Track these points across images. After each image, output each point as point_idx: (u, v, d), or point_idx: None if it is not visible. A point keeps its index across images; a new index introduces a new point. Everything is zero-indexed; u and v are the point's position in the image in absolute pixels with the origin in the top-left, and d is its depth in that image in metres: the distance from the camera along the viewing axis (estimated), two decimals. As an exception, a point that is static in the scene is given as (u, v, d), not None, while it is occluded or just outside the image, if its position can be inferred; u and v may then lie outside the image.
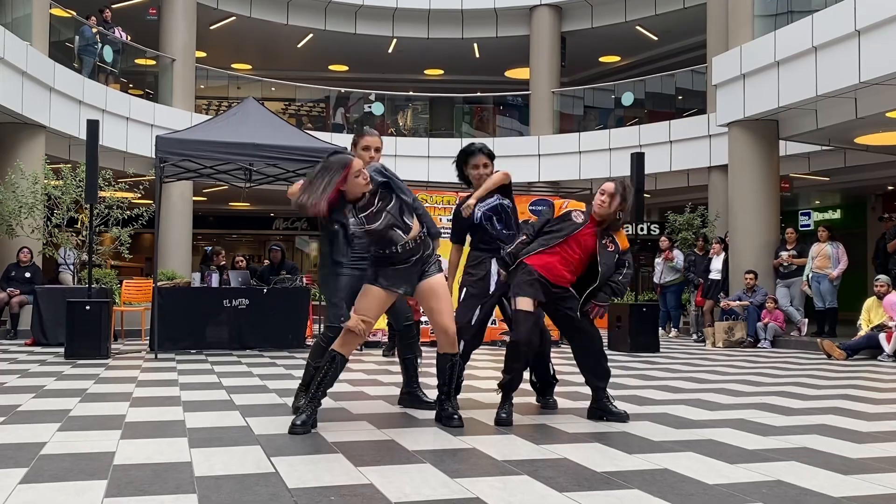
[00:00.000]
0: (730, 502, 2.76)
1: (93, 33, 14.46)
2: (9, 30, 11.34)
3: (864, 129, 11.33)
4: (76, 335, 7.87)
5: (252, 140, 8.55)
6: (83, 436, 3.79)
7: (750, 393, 5.71)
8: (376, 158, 4.38)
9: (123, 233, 11.46)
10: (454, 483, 2.96)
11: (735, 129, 12.23)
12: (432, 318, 4.08)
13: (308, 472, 3.08)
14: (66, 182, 11.23)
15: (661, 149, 15.94)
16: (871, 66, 9.34)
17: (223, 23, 18.48)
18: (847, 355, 8.86)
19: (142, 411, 4.55)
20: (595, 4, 18.19)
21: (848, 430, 4.23)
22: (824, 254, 11.00)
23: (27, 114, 11.81)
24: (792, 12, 11.35)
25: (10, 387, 5.61)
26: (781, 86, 10.87)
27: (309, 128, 17.78)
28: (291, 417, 4.03)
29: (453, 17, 18.94)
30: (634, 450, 3.60)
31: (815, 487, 2.97)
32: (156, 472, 3.08)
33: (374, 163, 4.16)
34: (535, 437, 3.87)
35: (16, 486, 2.85)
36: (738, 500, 2.77)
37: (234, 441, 3.67)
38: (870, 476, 3.16)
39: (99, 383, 5.86)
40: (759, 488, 2.94)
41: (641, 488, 2.91)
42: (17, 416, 4.30)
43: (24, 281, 10.79)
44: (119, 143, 14.54)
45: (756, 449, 3.67)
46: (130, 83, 16.20)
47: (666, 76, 17.37)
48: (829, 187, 16.93)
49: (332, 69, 21.75)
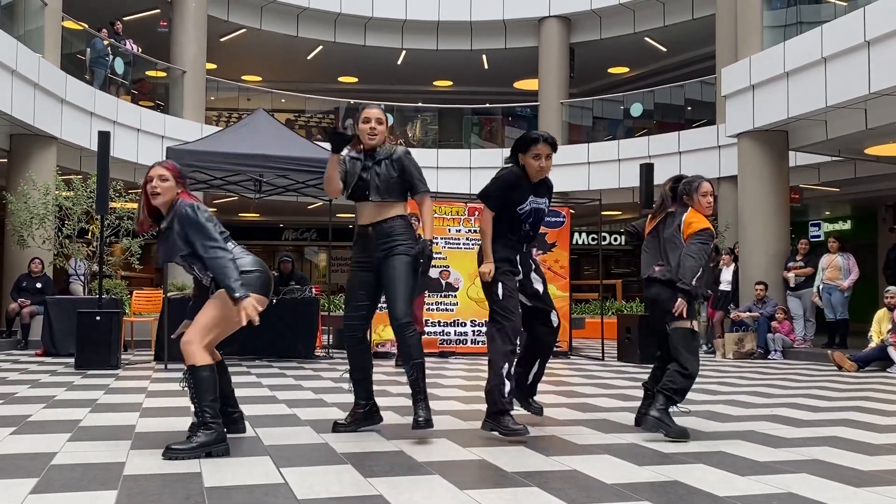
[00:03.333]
0: (741, 515, 2.76)
1: (104, 45, 14.58)
2: (21, 42, 11.44)
3: (874, 139, 11.31)
4: (86, 346, 7.89)
5: (262, 151, 8.61)
6: (93, 446, 3.80)
7: (761, 405, 5.70)
8: (378, 131, 4.20)
9: (134, 244, 11.53)
10: (463, 494, 2.96)
11: (744, 139, 12.24)
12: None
13: (317, 483, 3.09)
14: (77, 193, 11.29)
15: (671, 159, 15.93)
16: (881, 77, 9.33)
17: (233, 35, 18.68)
18: (858, 367, 8.83)
19: (151, 422, 4.56)
20: (603, 16, 18.28)
21: (859, 442, 4.22)
22: (835, 265, 10.95)
23: (39, 125, 11.90)
24: (801, 23, 11.40)
25: (20, 397, 5.64)
26: (791, 97, 10.88)
27: (318, 139, 17.87)
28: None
29: (462, 28, 19.11)
30: (645, 462, 3.59)
31: (826, 500, 2.95)
32: (165, 482, 3.09)
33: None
34: (544, 449, 3.87)
35: (27, 496, 2.86)
36: (749, 513, 2.78)
37: (244, 452, 3.68)
38: (882, 489, 3.15)
39: (109, 394, 5.89)
40: (770, 500, 2.94)
41: (652, 500, 2.90)
42: (27, 427, 4.33)
43: (35, 291, 10.84)
44: (130, 154, 14.63)
45: (767, 461, 3.66)
46: (141, 95, 16.33)
47: (675, 87, 17.44)
48: (839, 198, 16.91)
49: (341, 81, 21.93)
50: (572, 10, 18.25)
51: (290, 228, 24.52)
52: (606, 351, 10.67)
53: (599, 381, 7.44)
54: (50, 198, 11.30)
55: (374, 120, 4.19)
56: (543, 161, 4.25)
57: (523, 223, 4.33)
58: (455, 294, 10.39)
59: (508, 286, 4.23)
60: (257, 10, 18.12)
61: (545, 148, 4.25)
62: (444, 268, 10.36)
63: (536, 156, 4.24)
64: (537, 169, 4.27)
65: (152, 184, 3.69)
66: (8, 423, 4.38)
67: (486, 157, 18.11)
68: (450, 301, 10.39)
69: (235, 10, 17.94)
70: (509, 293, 4.22)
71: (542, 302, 4.48)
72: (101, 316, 7.99)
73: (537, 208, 4.34)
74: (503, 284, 4.22)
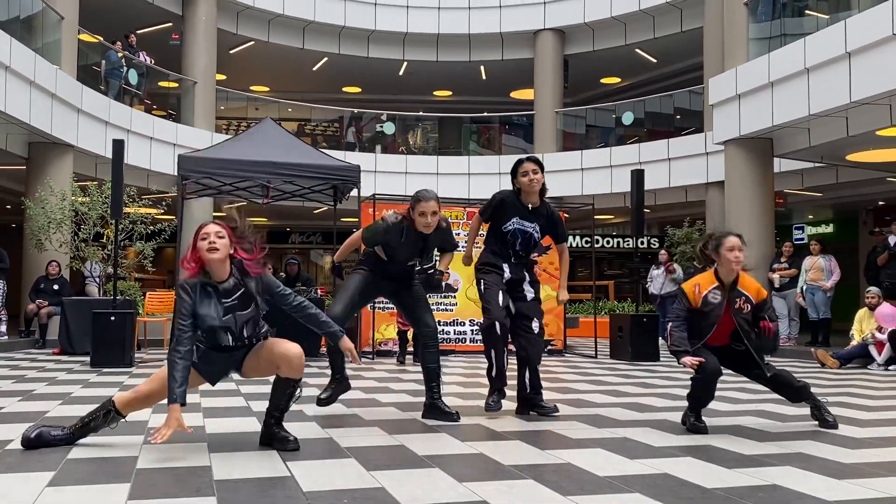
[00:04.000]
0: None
1: (118, 57, 14.74)
2: (39, 55, 11.62)
3: (856, 146, 11.43)
4: (101, 345, 7.98)
5: (270, 158, 8.76)
6: (108, 441, 3.81)
7: (746, 400, 5.69)
8: (432, 223, 4.44)
9: (147, 247, 11.61)
10: (462, 487, 3.00)
11: (731, 146, 12.38)
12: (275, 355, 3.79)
13: (322, 476, 3.12)
14: (93, 199, 11.38)
15: (661, 166, 16.11)
16: (861, 87, 9.43)
17: (242, 47, 18.85)
18: (840, 364, 8.94)
19: (163, 417, 4.52)
20: (596, 28, 18.50)
21: (842, 436, 4.25)
22: (818, 266, 11.04)
23: (56, 134, 12.07)
24: (785, 35, 11.46)
25: (38, 394, 5.66)
26: (775, 105, 10.98)
27: (323, 146, 18.00)
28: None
29: (461, 41, 19.33)
30: (636, 455, 3.63)
31: (809, 492, 2.99)
32: (177, 475, 3.12)
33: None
34: (539, 443, 3.91)
35: (43, 489, 2.91)
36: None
37: (252, 446, 3.72)
38: (863, 480, 3.18)
39: (123, 391, 5.85)
40: (756, 492, 2.97)
41: (643, 492, 2.94)
42: (45, 422, 4.27)
43: (53, 293, 10.99)
44: (143, 161, 14.77)
45: (753, 454, 3.69)
46: (154, 104, 16.47)
47: (664, 96, 17.58)
48: (821, 202, 16.90)
49: (345, 91, 22.05)
50: (566, 23, 18.50)
51: (297, 232, 24.51)
52: (599, 349, 10.81)
53: (592, 377, 7.49)
54: (66, 203, 11.38)
55: (429, 214, 4.42)
56: (531, 175, 4.68)
57: (513, 242, 4.75)
58: (454, 295, 10.57)
59: (487, 280, 4.69)
60: (265, 24, 18.33)
61: (529, 164, 4.72)
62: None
63: (524, 173, 4.70)
64: (528, 184, 4.71)
65: (210, 240, 3.59)
66: (26, 419, 4.42)
67: (484, 163, 18.27)
68: (449, 301, 10.60)
69: (244, 24, 18.12)
70: (488, 286, 4.68)
71: (529, 310, 4.77)
72: (115, 316, 8.08)
73: (521, 230, 4.73)
74: (483, 281, 4.71)
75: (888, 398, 6.12)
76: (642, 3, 17.37)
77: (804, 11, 11.84)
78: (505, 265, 4.73)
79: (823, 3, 11.77)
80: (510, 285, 4.77)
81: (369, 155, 18.18)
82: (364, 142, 19.45)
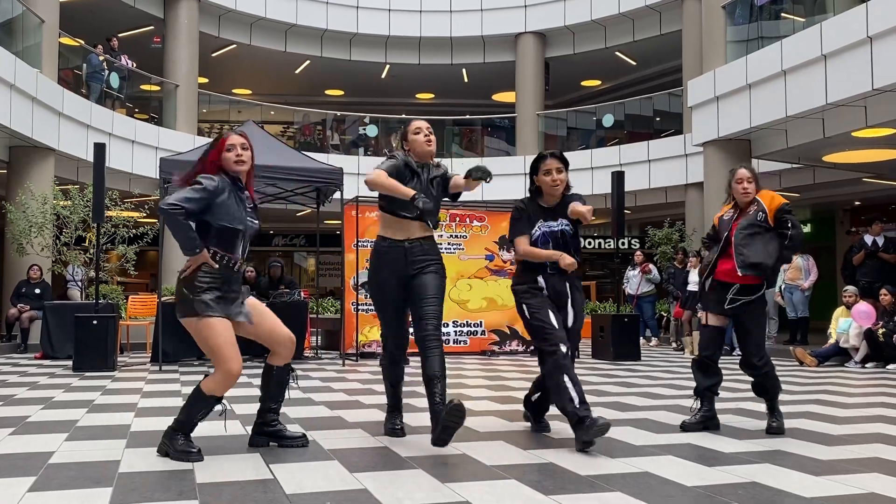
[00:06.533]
0: (707, 503, 2.85)
1: (100, 61, 14.68)
2: (19, 58, 11.57)
3: (832, 147, 11.59)
4: (84, 349, 7.95)
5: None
6: (90, 445, 3.81)
7: (726, 399, 5.73)
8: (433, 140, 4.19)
9: (129, 250, 11.60)
10: (445, 488, 3.02)
11: (710, 148, 12.56)
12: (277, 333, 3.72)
13: (305, 479, 3.14)
14: (75, 202, 11.36)
15: (641, 167, 16.30)
16: (837, 89, 9.59)
17: (224, 50, 18.84)
18: (818, 362, 9.07)
19: (146, 421, 4.57)
20: (577, 32, 18.66)
21: (819, 433, 4.31)
22: (796, 266, 11.16)
23: (37, 137, 12.01)
24: (762, 38, 11.65)
25: (19, 398, 5.65)
26: (753, 107, 11.13)
27: (306, 149, 18.19)
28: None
29: (443, 44, 19.41)
30: (617, 454, 3.68)
31: (787, 488, 3.03)
32: (159, 479, 3.13)
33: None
34: (522, 444, 3.95)
35: (24, 494, 2.89)
36: (716, 502, 2.83)
37: (235, 449, 3.72)
38: (840, 477, 3.24)
39: (105, 395, 5.90)
40: (735, 489, 3.01)
41: (623, 490, 2.98)
42: (26, 427, 4.36)
43: (34, 297, 10.96)
44: (125, 164, 14.73)
45: (733, 452, 3.74)
46: (136, 108, 16.42)
47: (644, 99, 17.77)
48: (799, 203, 16.91)
49: (328, 94, 22.08)
50: (547, 26, 18.65)
51: (280, 235, 24.53)
52: (581, 349, 10.84)
53: (574, 377, 7.69)
54: (48, 207, 11.36)
55: (424, 129, 4.15)
56: (554, 174, 4.15)
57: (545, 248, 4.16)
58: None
59: (533, 304, 4.10)
60: (247, 27, 18.34)
61: (553, 162, 4.18)
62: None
63: (547, 171, 4.17)
64: (550, 184, 4.17)
65: (236, 152, 3.57)
66: (7, 424, 4.41)
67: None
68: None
69: (226, 27, 18.12)
70: (535, 310, 4.08)
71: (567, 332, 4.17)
72: (97, 320, 8.04)
73: (549, 232, 4.19)
74: (527, 305, 4.12)
75: (864, 395, 6.21)
76: (622, 7, 17.54)
77: (781, 14, 11.99)
78: (539, 278, 4.15)
79: (800, 7, 11.96)
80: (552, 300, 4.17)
81: (352, 157, 18.23)
82: (347, 145, 19.46)
